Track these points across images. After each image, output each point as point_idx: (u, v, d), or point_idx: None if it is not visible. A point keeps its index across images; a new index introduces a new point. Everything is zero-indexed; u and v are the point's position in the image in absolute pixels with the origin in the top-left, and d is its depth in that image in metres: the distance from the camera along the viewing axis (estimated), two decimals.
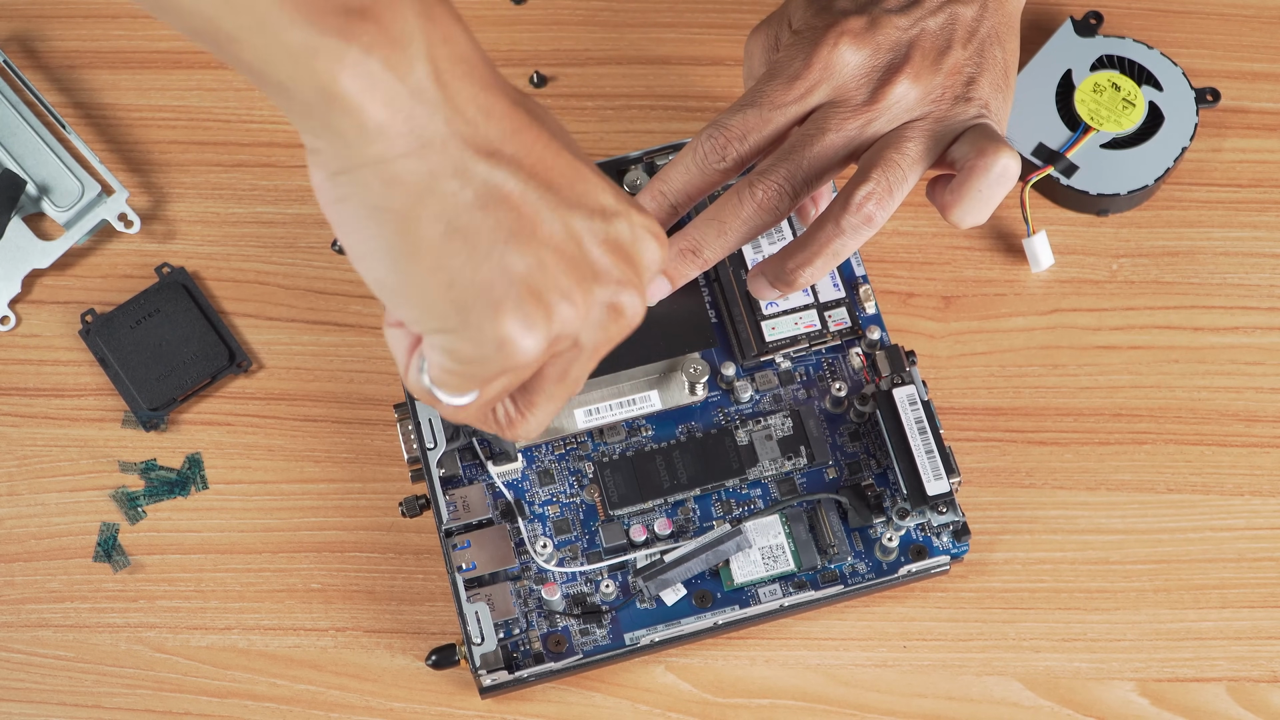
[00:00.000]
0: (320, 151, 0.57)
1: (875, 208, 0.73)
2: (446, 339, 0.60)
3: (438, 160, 0.57)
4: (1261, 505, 0.81)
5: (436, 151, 0.57)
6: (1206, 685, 0.78)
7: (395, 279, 0.59)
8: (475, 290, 0.58)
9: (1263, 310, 0.85)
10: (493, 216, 0.58)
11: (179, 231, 0.86)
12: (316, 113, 0.56)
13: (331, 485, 0.82)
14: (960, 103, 0.74)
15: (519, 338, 0.59)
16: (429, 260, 0.58)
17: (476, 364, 0.60)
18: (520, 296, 0.59)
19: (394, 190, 0.57)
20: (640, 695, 0.78)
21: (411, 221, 0.57)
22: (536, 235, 0.59)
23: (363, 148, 0.56)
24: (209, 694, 0.78)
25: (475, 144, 0.58)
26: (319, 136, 0.57)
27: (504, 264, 0.58)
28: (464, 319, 0.59)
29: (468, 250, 0.58)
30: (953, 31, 0.75)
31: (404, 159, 0.57)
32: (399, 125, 0.56)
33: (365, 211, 0.58)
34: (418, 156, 0.57)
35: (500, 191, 0.58)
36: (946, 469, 0.77)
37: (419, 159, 0.57)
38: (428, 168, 0.57)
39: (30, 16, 0.90)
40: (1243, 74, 0.89)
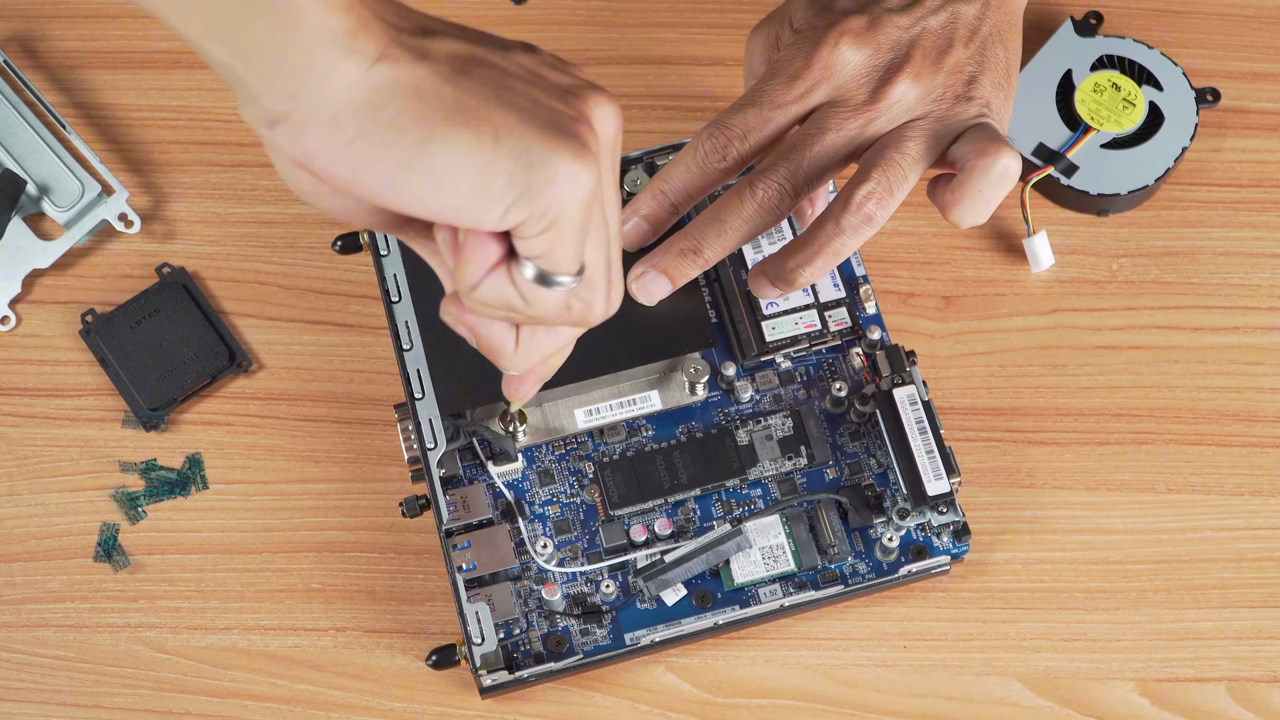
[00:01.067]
0: (299, 107, 0.57)
1: (875, 207, 0.73)
2: (526, 202, 0.58)
3: (400, 53, 0.57)
4: (1261, 505, 0.81)
5: (395, 45, 0.57)
6: (1206, 685, 0.78)
7: (449, 168, 0.58)
8: (519, 134, 0.58)
9: (1263, 310, 0.85)
10: (474, 76, 0.58)
11: (179, 231, 0.86)
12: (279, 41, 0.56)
13: (331, 485, 0.82)
14: (961, 102, 0.74)
15: (578, 164, 0.58)
16: (465, 133, 0.58)
17: (564, 212, 0.59)
18: (554, 126, 0.58)
19: (393, 95, 0.57)
20: (640, 695, 0.78)
21: (424, 112, 0.57)
22: (511, 77, 0.59)
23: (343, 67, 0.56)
24: (209, 694, 0.78)
25: (414, 29, 0.58)
26: (292, 89, 0.57)
27: (516, 105, 0.58)
28: (529, 165, 0.58)
29: (483, 110, 0.58)
30: (954, 30, 0.75)
31: (379, 64, 0.57)
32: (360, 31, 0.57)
33: (381, 131, 0.57)
34: (388, 58, 0.57)
35: (460, 55, 0.59)
36: (946, 469, 0.77)
37: (390, 60, 0.57)
38: (401, 64, 0.57)
39: (30, 16, 0.90)
40: (1243, 74, 0.89)
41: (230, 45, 0.57)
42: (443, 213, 0.59)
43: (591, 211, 0.60)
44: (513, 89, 0.59)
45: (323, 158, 0.58)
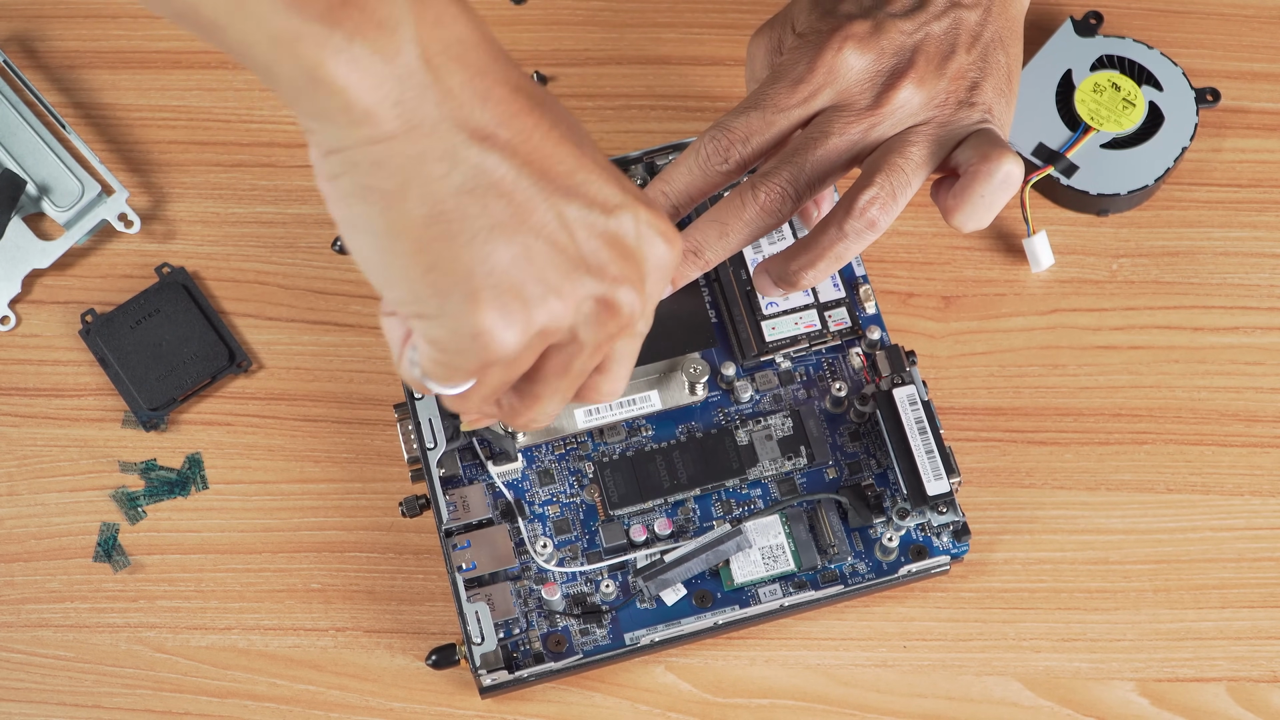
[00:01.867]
0: (313, 131, 0.57)
1: (879, 213, 0.73)
2: (426, 325, 0.59)
3: (426, 143, 0.57)
4: (1261, 505, 0.81)
5: (425, 135, 0.56)
6: (1206, 685, 0.78)
7: (380, 257, 0.58)
8: (454, 277, 0.58)
9: (1263, 310, 0.85)
10: (480, 202, 0.58)
11: (179, 231, 0.86)
12: (304, 95, 0.56)
13: (331, 485, 0.82)
14: (964, 107, 0.74)
15: (496, 331, 0.58)
16: (411, 242, 0.57)
17: (457, 354, 0.60)
18: (498, 288, 0.58)
19: (381, 171, 0.57)
20: (640, 695, 0.78)
21: (397, 202, 0.57)
22: (526, 224, 0.58)
23: (351, 130, 0.56)
24: (209, 694, 0.78)
25: (468, 128, 0.57)
26: (310, 116, 0.57)
27: (486, 253, 0.58)
28: (442, 305, 0.58)
29: (450, 235, 0.57)
30: (956, 36, 0.75)
31: (392, 141, 0.56)
32: (387, 108, 0.56)
33: (355, 190, 0.57)
34: (406, 139, 0.56)
35: (491, 177, 0.58)
36: (946, 469, 0.77)
37: (407, 141, 0.56)
38: (416, 150, 0.56)
39: (30, 16, 0.90)
40: (1243, 74, 0.89)
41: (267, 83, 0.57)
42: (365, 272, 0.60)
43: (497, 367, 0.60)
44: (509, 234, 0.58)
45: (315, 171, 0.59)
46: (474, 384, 0.62)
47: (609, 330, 0.62)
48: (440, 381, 0.61)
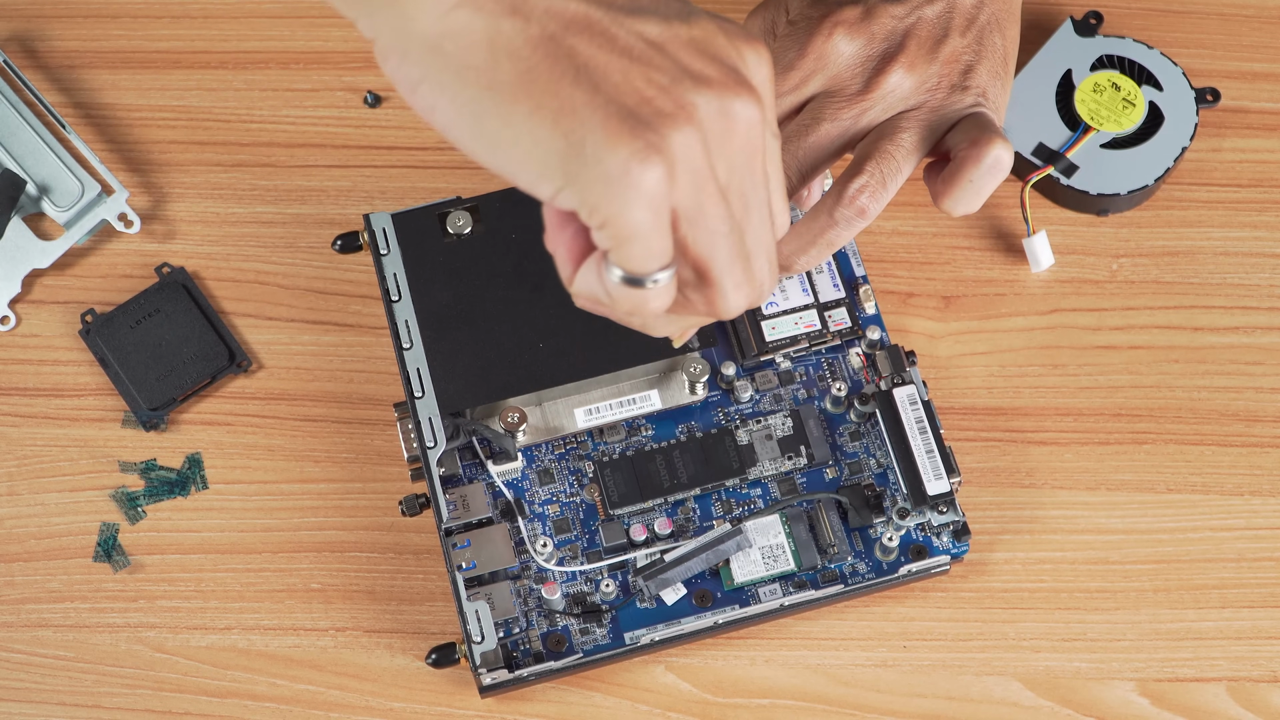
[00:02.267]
0: (381, 34, 0.56)
1: (868, 200, 0.73)
2: (577, 191, 0.56)
3: (488, 3, 0.56)
4: (1261, 505, 0.81)
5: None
6: (1206, 685, 0.78)
7: (504, 135, 0.56)
8: (578, 121, 0.56)
9: (1263, 310, 0.85)
10: (565, 43, 0.56)
11: (179, 231, 0.86)
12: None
13: (331, 485, 0.82)
14: (957, 91, 0.74)
15: (639, 165, 0.56)
16: (525, 103, 0.56)
17: (624, 211, 0.56)
18: (622, 117, 0.56)
19: (463, 44, 0.56)
20: (640, 695, 0.78)
21: (493, 71, 0.56)
22: (615, 50, 0.56)
23: (419, 7, 0.55)
24: (209, 694, 0.78)
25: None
26: (373, 16, 0.56)
27: (593, 86, 0.56)
28: (580, 156, 0.56)
29: (554, 81, 0.56)
30: (950, 19, 0.74)
31: (458, 9, 0.56)
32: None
33: (448, 79, 0.56)
34: (470, 5, 0.56)
35: (563, 16, 0.56)
36: (946, 469, 0.77)
37: (471, 8, 0.56)
38: (484, 13, 0.56)
39: (30, 16, 0.90)
40: (1243, 74, 0.89)
41: None
42: (501, 170, 0.58)
43: (663, 211, 0.57)
44: (603, 67, 0.56)
45: (400, 88, 0.57)
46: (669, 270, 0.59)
47: (741, 138, 0.58)
48: (644, 263, 0.58)
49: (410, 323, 0.79)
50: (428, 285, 0.80)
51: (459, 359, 0.79)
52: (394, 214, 0.82)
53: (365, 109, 0.89)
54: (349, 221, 0.86)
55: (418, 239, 0.81)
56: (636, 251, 0.58)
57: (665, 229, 0.58)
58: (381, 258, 0.81)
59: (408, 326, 0.79)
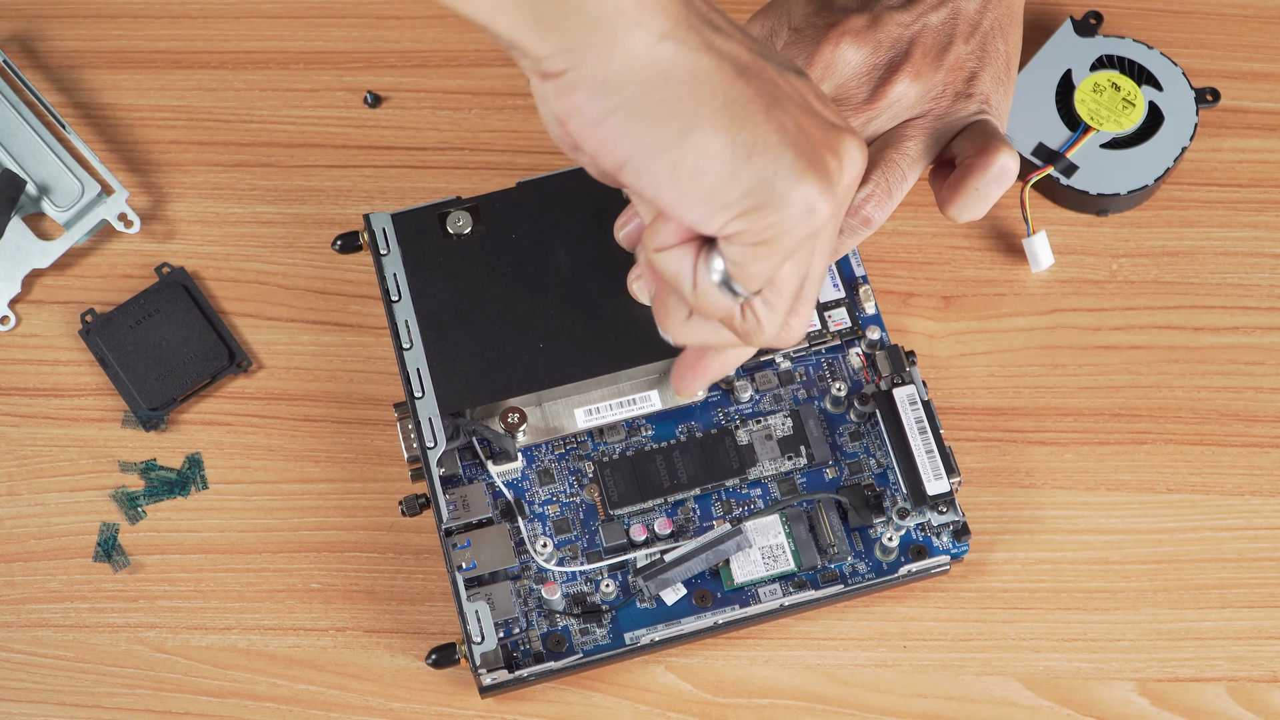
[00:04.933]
0: (576, 66, 0.57)
1: (874, 209, 0.73)
2: (751, 219, 0.59)
3: (691, 37, 0.57)
4: (1261, 505, 0.81)
5: (686, 29, 0.57)
6: (1206, 685, 0.78)
7: (693, 168, 0.58)
8: (771, 157, 0.58)
9: (1263, 310, 0.85)
10: (751, 84, 0.58)
11: (179, 231, 0.86)
12: (572, 7, 0.55)
13: (331, 485, 0.82)
14: (961, 99, 0.74)
15: (819, 198, 0.59)
16: (722, 138, 0.57)
17: (781, 236, 0.59)
18: (808, 156, 0.58)
19: (669, 77, 0.57)
20: (640, 695, 0.78)
21: (694, 105, 0.57)
22: (784, 96, 0.59)
23: (626, 36, 0.56)
24: (209, 694, 0.78)
25: (706, 18, 0.58)
26: (573, 47, 0.56)
27: (781, 126, 0.58)
28: (768, 189, 0.58)
29: (750, 120, 0.58)
30: (954, 26, 0.74)
31: (664, 42, 0.57)
32: (651, 4, 0.56)
33: (644, 111, 0.57)
34: (674, 38, 0.57)
35: (742, 60, 0.58)
36: (946, 469, 0.77)
37: (676, 40, 0.57)
38: (687, 46, 0.57)
39: (30, 16, 0.90)
40: (1243, 74, 0.89)
41: (514, 11, 0.57)
42: (670, 205, 0.59)
43: (807, 242, 0.60)
44: (783, 106, 0.59)
45: (580, 120, 0.58)
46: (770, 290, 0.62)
47: (853, 181, 0.61)
48: (752, 280, 0.61)
49: (410, 323, 0.79)
50: (428, 285, 0.80)
51: (459, 359, 0.79)
52: (394, 214, 0.82)
53: (365, 109, 0.89)
54: (349, 221, 0.86)
55: (418, 239, 0.81)
56: (763, 267, 0.61)
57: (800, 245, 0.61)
58: (381, 258, 0.81)
59: (408, 326, 0.79)
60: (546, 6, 0.56)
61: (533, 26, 0.57)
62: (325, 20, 0.91)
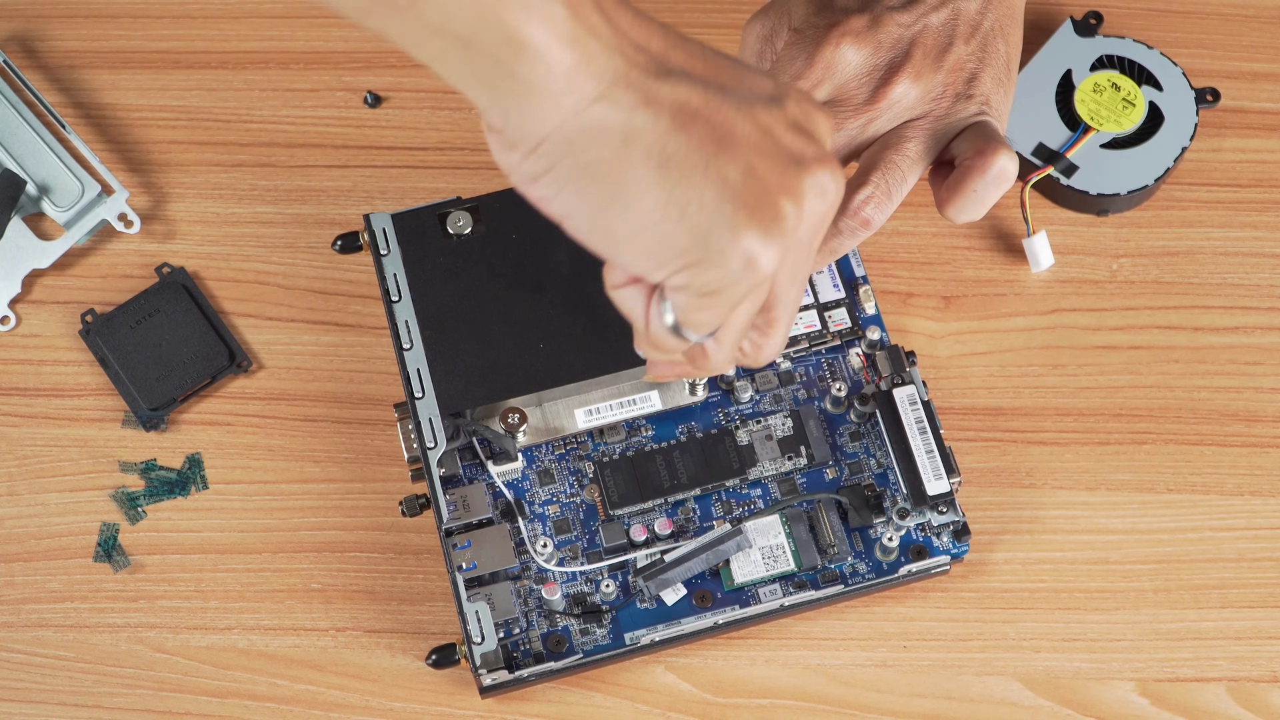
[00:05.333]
0: (511, 126, 0.57)
1: (874, 211, 0.73)
2: (691, 273, 0.59)
3: (625, 96, 0.57)
4: (1261, 505, 0.81)
5: (622, 87, 0.57)
6: (1206, 685, 0.78)
7: (627, 228, 0.58)
8: (707, 212, 0.58)
9: (1263, 310, 0.85)
10: (694, 134, 0.58)
11: (179, 231, 0.86)
12: (504, 69, 0.56)
13: (331, 485, 0.82)
14: (961, 100, 0.74)
15: (762, 250, 0.58)
16: (655, 197, 0.57)
17: (725, 289, 0.59)
18: (748, 208, 0.58)
19: (599, 139, 0.57)
20: (640, 695, 0.78)
21: (625, 165, 0.57)
22: (735, 140, 0.58)
23: (557, 101, 0.56)
24: (209, 694, 0.78)
25: (651, 67, 0.57)
26: (509, 108, 0.57)
27: (723, 178, 0.58)
28: (705, 245, 0.58)
29: (686, 175, 0.57)
30: (955, 27, 0.74)
31: (596, 104, 0.56)
32: (584, 67, 0.56)
33: (575, 173, 0.57)
34: (607, 99, 0.57)
35: (689, 106, 0.58)
36: (946, 469, 0.77)
37: (609, 100, 0.57)
38: (621, 105, 0.57)
39: (30, 16, 0.90)
40: (1243, 74, 0.89)
41: (454, 70, 0.57)
42: (611, 259, 0.60)
43: (756, 291, 0.60)
44: (728, 153, 0.58)
45: (517, 177, 0.59)
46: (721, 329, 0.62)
47: (821, 217, 0.61)
48: (702, 327, 0.61)
49: (410, 323, 0.79)
50: (428, 285, 0.80)
51: (459, 359, 0.79)
52: (394, 214, 0.82)
53: (365, 109, 0.89)
54: (349, 221, 0.86)
55: (418, 239, 0.81)
56: (710, 317, 0.61)
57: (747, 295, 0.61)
58: (381, 258, 0.81)
59: (408, 326, 0.79)
60: (483, 66, 0.56)
61: (471, 82, 0.57)
62: (325, 20, 0.90)
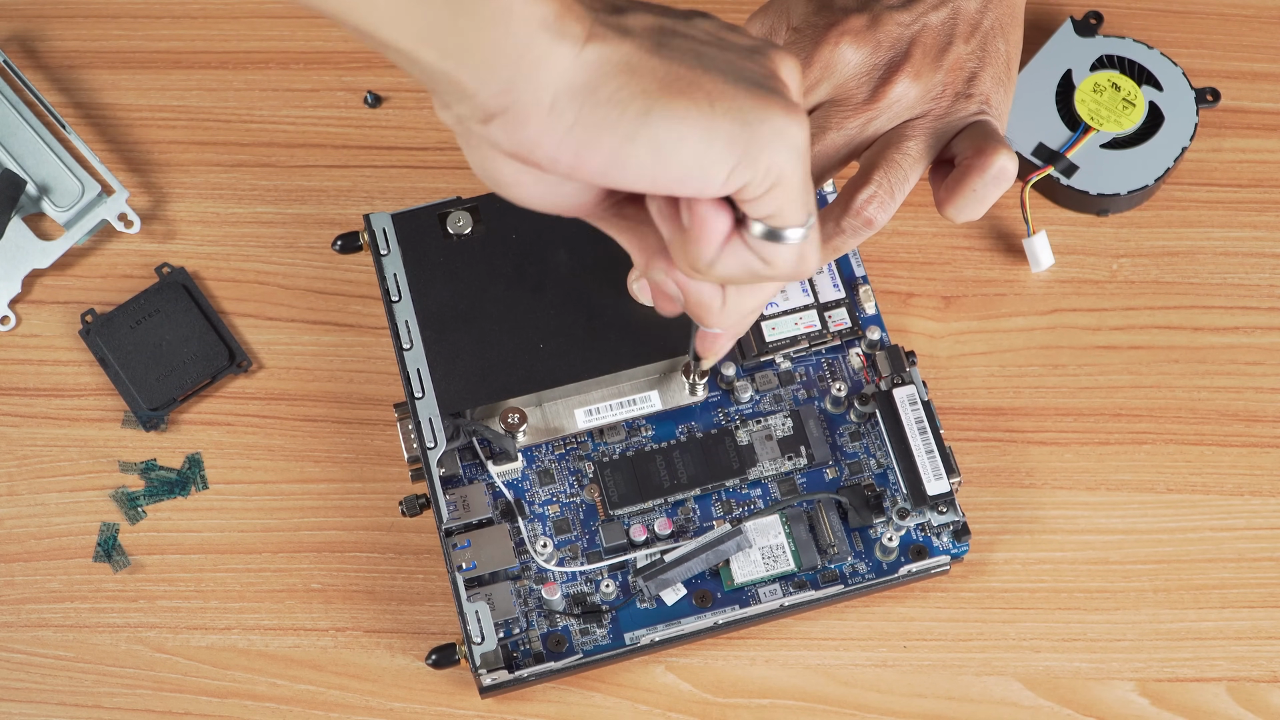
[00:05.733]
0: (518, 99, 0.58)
1: (876, 210, 0.73)
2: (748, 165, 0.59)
3: (606, 33, 0.58)
4: (1261, 505, 0.81)
5: (600, 25, 0.58)
6: (1206, 685, 0.78)
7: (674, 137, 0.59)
8: (729, 100, 0.59)
9: (1263, 310, 0.85)
10: (673, 49, 0.59)
11: (179, 231, 0.86)
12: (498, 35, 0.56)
13: (331, 485, 0.82)
14: (961, 99, 0.74)
15: (788, 120, 0.59)
16: (681, 101, 0.58)
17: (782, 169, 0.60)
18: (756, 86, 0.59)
19: (606, 74, 0.58)
20: (640, 695, 0.78)
21: (638, 87, 0.58)
22: (701, 45, 0.60)
23: (556, 53, 0.57)
24: (209, 694, 0.78)
25: (605, 7, 0.59)
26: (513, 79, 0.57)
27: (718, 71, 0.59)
28: (747, 126, 0.59)
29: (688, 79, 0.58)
30: (954, 26, 0.74)
31: (586, 48, 0.58)
32: (565, 14, 0.57)
33: (600, 111, 0.58)
34: (595, 40, 0.58)
35: (653, 27, 0.59)
36: (946, 469, 0.77)
37: (597, 41, 0.58)
38: (608, 44, 0.58)
39: (30, 16, 0.90)
40: (1243, 74, 0.89)
41: (443, 47, 0.57)
42: (669, 183, 0.60)
43: (807, 162, 0.61)
44: (709, 55, 0.60)
45: (545, 145, 0.59)
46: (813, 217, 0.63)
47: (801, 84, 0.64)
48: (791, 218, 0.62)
49: (410, 323, 0.79)
50: (428, 285, 0.80)
51: (459, 359, 0.79)
52: (394, 214, 0.82)
53: (365, 109, 0.89)
54: (349, 221, 0.86)
55: (418, 239, 0.81)
56: (796, 201, 0.61)
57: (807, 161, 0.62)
58: (381, 258, 0.81)
59: (408, 327, 0.79)
60: (467, 55, 0.57)
61: (461, 69, 0.58)
62: (325, 20, 0.90)
